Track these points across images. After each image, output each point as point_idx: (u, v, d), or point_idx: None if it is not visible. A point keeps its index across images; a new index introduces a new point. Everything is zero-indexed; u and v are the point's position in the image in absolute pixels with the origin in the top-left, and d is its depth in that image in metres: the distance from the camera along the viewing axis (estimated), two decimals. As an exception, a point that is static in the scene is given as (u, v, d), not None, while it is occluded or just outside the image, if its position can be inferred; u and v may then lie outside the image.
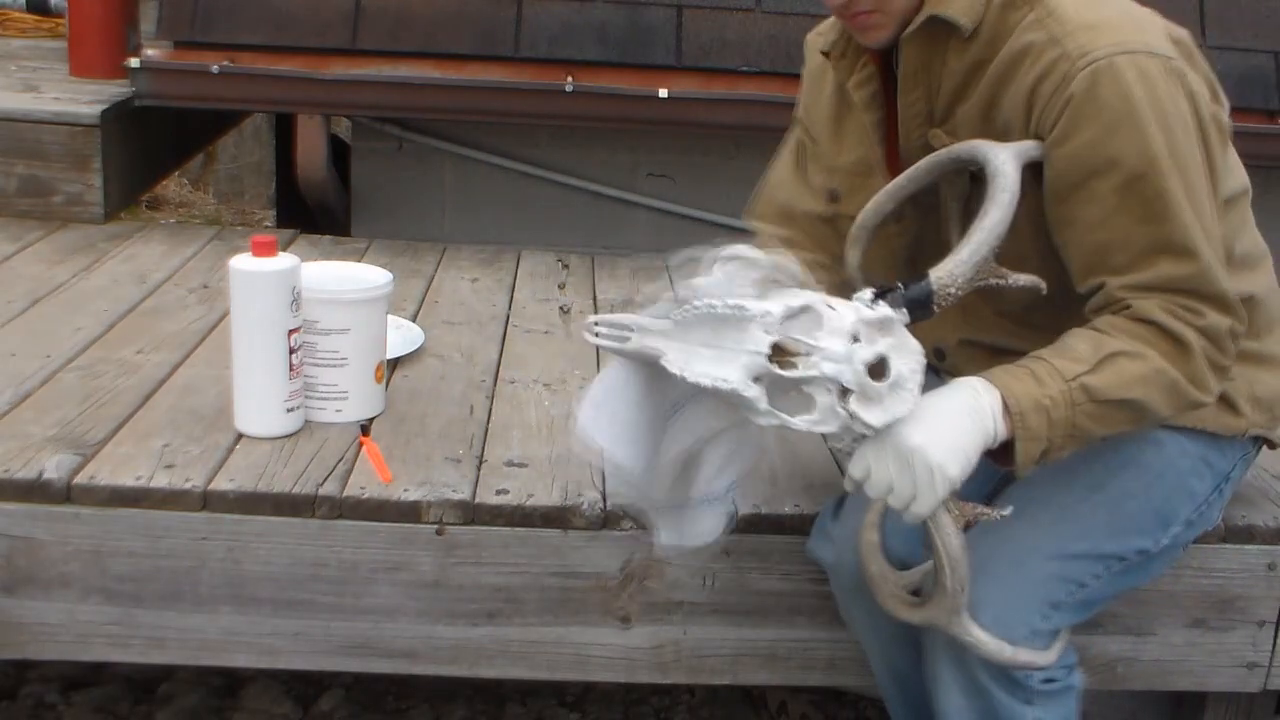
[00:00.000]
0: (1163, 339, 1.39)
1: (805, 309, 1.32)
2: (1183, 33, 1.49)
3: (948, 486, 1.33)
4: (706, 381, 1.33)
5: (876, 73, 1.57)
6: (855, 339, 1.30)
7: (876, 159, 1.61)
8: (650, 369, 1.43)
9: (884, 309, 1.33)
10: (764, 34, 3.02)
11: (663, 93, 2.98)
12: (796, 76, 1.79)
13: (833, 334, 1.30)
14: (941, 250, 1.56)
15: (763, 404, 1.32)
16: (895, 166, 1.59)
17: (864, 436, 1.33)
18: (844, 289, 1.54)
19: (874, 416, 1.30)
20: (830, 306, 1.32)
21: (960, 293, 1.39)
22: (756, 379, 1.31)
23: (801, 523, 1.72)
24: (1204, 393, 1.43)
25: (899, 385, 1.31)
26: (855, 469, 1.35)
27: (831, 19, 1.62)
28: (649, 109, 2.99)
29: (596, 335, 1.42)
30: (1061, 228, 1.45)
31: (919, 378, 1.33)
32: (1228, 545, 1.78)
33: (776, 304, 1.32)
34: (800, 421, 1.32)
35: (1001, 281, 1.41)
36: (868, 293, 1.35)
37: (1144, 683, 1.84)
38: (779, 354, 1.31)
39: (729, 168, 3.25)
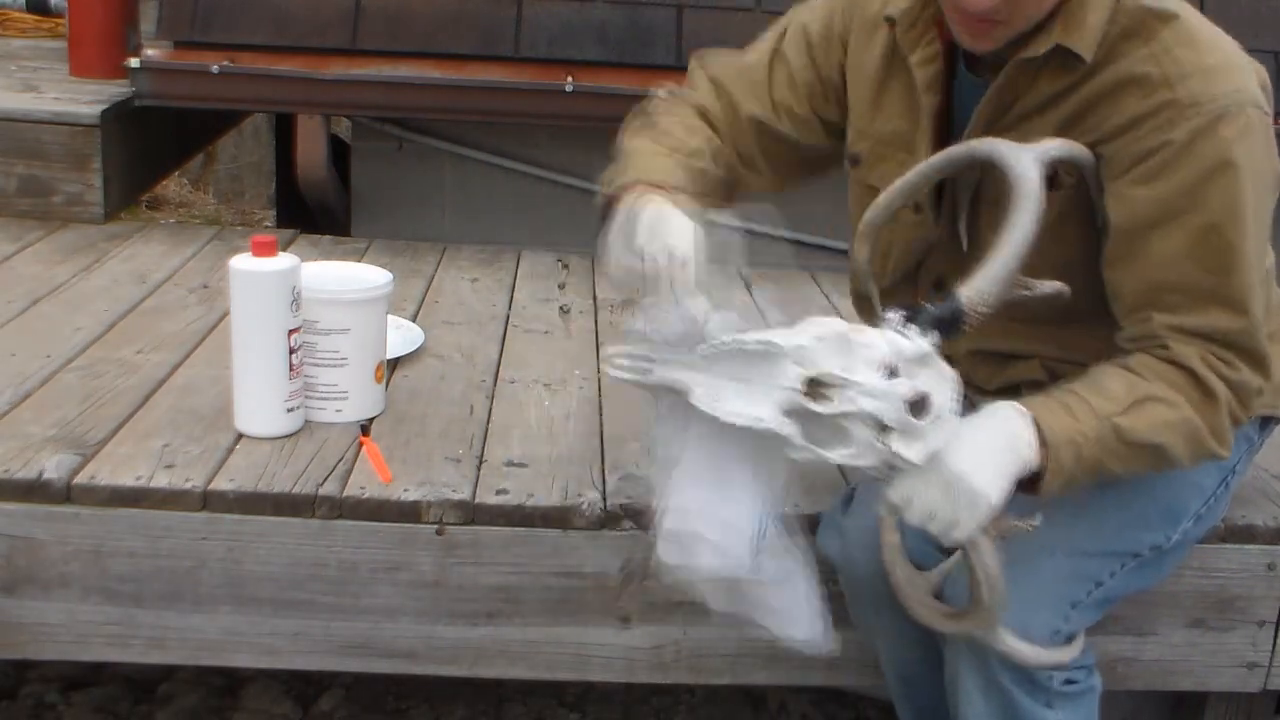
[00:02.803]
0: (1194, 388, 1.40)
1: (836, 338, 1.29)
2: (1263, 70, 1.48)
3: (989, 514, 1.32)
4: (739, 420, 1.30)
5: (942, 52, 1.53)
6: (892, 372, 1.27)
7: (924, 143, 1.55)
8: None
9: (920, 343, 1.29)
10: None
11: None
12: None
13: (867, 366, 1.27)
14: (954, 244, 1.55)
15: (798, 440, 1.30)
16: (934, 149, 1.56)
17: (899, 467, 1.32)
18: (714, 191, 1.55)
19: (915, 453, 1.29)
20: (861, 335, 1.29)
21: (990, 310, 1.36)
22: (789, 414, 1.29)
23: (801, 523, 1.71)
24: (1221, 446, 1.44)
25: (939, 419, 1.29)
26: (895, 496, 1.34)
27: None
28: (649, 109, 2.99)
29: (618, 369, 1.39)
30: (1121, 261, 1.44)
31: (957, 406, 1.31)
32: (1228, 545, 1.78)
33: (806, 335, 1.29)
34: (836, 456, 1.30)
35: (1028, 292, 1.40)
36: (897, 315, 1.32)
37: (1144, 683, 1.84)
38: (811, 387, 1.28)
39: (729, 168, 3.25)
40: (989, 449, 1.34)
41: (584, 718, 2.34)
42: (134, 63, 2.96)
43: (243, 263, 1.75)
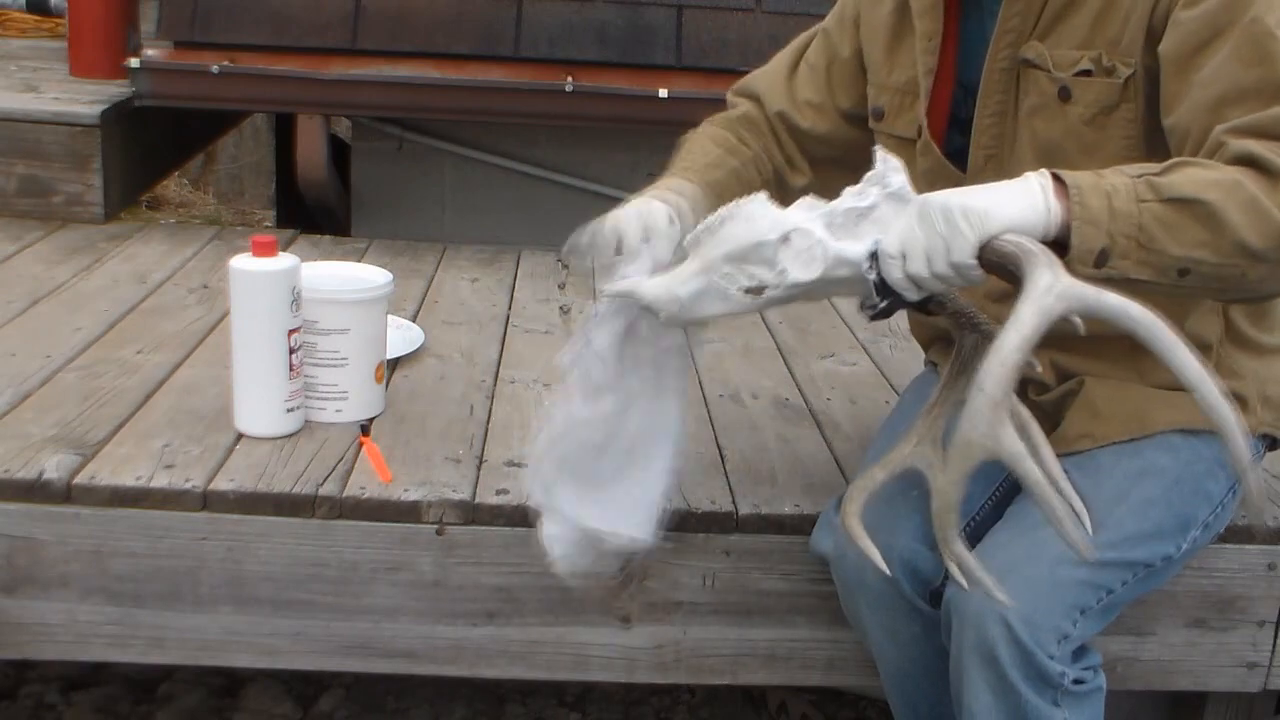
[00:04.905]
0: (1250, 168, 1.31)
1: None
2: None
3: (978, 223, 1.26)
4: (773, 235, 1.31)
5: None
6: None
7: (926, 73, 1.57)
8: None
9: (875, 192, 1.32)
10: (764, 34, 3.02)
11: (663, 93, 2.98)
12: (796, 77, 1.78)
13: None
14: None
15: (819, 231, 1.31)
16: (945, 87, 1.58)
17: (880, 296, 1.32)
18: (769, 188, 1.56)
19: (850, 249, 1.31)
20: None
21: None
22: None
23: (801, 523, 1.72)
24: None
25: (869, 217, 1.31)
26: (891, 248, 1.29)
27: None
28: (649, 109, 3.00)
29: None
30: (1177, 99, 1.41)
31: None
32: (1228, 545, 1.78)
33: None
34: (838, 247, 1.31)
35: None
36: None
37: (1144, 683, 1.84)
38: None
39: (729, 168, 3.25)
40: (979, 187, 1.31)
41: (584, 718, 2.34)
42: (134, 63, 2.97)
43: (243, 263, 1.75)
